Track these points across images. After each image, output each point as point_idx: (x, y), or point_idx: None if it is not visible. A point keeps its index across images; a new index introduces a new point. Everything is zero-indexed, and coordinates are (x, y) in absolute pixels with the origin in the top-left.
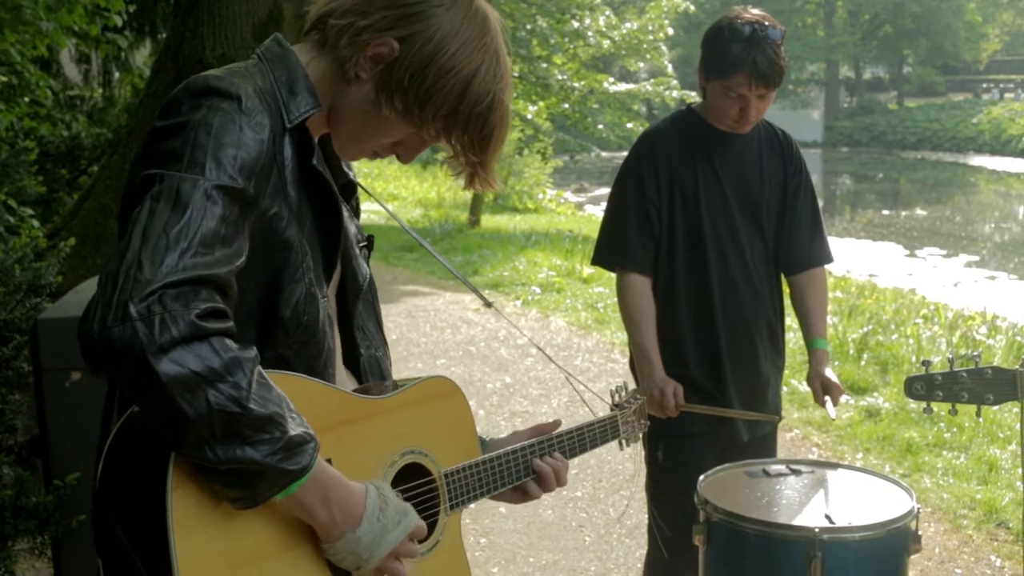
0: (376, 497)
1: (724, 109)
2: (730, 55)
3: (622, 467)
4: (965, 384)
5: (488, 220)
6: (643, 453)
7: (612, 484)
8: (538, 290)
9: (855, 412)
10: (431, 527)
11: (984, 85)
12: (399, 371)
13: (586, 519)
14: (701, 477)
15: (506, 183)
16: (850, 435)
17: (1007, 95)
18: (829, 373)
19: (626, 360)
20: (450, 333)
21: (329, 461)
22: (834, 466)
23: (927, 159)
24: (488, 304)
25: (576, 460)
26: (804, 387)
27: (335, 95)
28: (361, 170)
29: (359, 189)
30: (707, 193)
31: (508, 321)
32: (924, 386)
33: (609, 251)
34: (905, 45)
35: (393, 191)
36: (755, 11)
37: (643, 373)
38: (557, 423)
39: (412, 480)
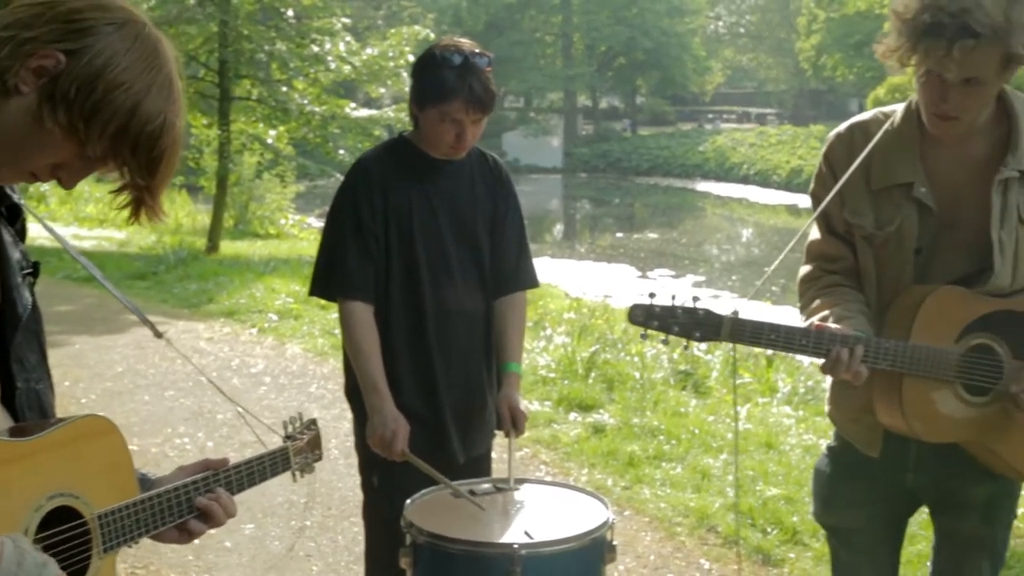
0: (13, 551)
1: (440, 135)
2: (446, 82)
3: (352, 494)
4: (679, 319)
5: (228, 246)
6: (315, 483)
7: (342, 511)
8: (275, 317)
9: (582, 429)
10: (81, 572)
11: (709, 115)
12: (123, 404)
13: (314, 548)
14: (408, 501)
15: (247, 208)
16: (577, 451)
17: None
18: (517, 399)
19: None
20: (181, 363)
21: None
22: (539, 483)
23: (659, 185)
24: (159, 335)
25: (305, 489)
26: (531, 406)
27: None
28: (94, 195)
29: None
30: (421, 219)
31: (180, 353)
32: (643, 314)
33: (328, 280)
34: (638, 76)
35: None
36: (462, 40)
37: (372, 406)
38: (225, 460)
39: (62, 524)
